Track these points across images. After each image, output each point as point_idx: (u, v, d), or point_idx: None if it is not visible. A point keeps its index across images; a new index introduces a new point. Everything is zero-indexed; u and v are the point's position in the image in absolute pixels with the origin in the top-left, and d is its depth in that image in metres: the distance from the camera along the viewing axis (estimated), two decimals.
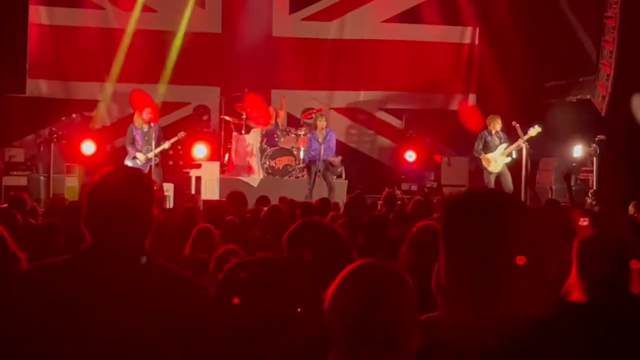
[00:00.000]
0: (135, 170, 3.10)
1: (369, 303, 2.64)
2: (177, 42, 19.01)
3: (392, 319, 2.61)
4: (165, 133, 16.10)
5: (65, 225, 6.86)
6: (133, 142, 15.65)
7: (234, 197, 10.47)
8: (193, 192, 16.18)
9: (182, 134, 16.04)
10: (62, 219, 7.32)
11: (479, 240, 2.21)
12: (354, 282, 2.70)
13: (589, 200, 15.28)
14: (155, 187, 3.11)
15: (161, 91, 18.88)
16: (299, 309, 3.49)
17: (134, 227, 2.95)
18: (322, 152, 15.89)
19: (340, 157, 16.80)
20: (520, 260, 2.18)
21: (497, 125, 16.31)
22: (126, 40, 18.75)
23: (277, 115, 18.18)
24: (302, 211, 9.55)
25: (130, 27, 18.78)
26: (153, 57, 19.04)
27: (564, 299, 3.96)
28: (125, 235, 2.93)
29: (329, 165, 16.20)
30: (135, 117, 15.85)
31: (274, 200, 11.33)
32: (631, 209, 11.32)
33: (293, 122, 19.15)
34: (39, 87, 18.55)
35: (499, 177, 16.16)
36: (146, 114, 15.54)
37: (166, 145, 15.69)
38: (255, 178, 17.06)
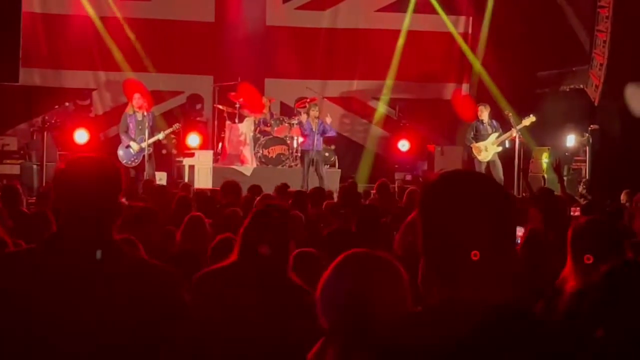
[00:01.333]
0: (102, 159, 3.07)
1: (360, 291, 2.63)
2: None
3: (384, 307, 2.59)
4: (159, 122, 16.07)
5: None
6: (127, 130, 15.62)
7: (229, 187, 10.45)
8: (186, 181, 16.13)
9: (177, 126, 16.00)
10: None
11: (454, 221, 2.18)
12: (346, 271, 2.69)
13: (580, 190, 15.30)
14: (123, 176, 3.07)
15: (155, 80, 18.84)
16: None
17: (98, 215, 2.93)
18: (315, 141, 15.92)
19: (333, 147, 16.82)
20: (500, 230, 2.16)
21: (485, 113, 16.33)
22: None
23: (270, 102, 18.17)
24: (294, 200, 9.54)
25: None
26: (146, 45, 18.97)
27: (559, 288, 3.96)
28: (89, 223, 2.91)
29: (321, 155, 16.29)
30: (129, 105, 15.82)
31: (268, 190, 11.31)
32: (623, 197, 11.34)
33: (286, 111, 19.13)
34: (32, 75, 18.47)
35: (489, 166, 16.17)
36: (136, 99, 15.51)
37: (160, 136, 15.66)
38: (248, 167, 17.04)
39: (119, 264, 2.92)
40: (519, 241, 5.74)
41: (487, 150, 16.11)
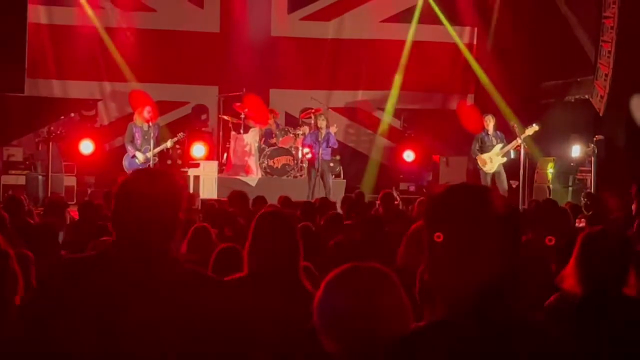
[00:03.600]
0: (165, 172, 3.10)
1: (356, 306, 2.60)
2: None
3: (388, 321, 2.58)
4: (163, 132, 16.11)
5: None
6: (132, 141, 15.67)
7: (236, 197, 10.47)
8: (191, 191, 16.16)
9: (181, 135, 16.07)
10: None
11: (459, 233, 2.21)
12: (338, 287, 2.67)
13: (583, 202, 15.29)
14: (185, 191, 3.10)
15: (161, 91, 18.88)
16: None
17: (157, 229, 2.95)
18: (320, 152, 15.97)
19: (338, 157, 16.83)
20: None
21: (490, 124, 16.35)
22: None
23: (275, 116, 18.21)
24: (302, 211, 9.56)
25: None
26: (152, 56, 19.03)
27: (559, 295, 3.97)
28: (148, 236, 2.93)
29: (327, 165, 16.33)
30: (135, 115, 15.86)
31: (272, 200, 11.33)
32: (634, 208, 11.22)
33: (291, 121, 19.17)
34: (38, 86, 18.53)
35: (494, 177, 16.20)
36: (147, 112, 15.55)
37: (169, 144, 15.76)
38: (253, 178, 17.07)
39: (174, 277, 2.95)
40: None
41: (492, 161, 16.13)
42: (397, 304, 2.64)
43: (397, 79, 20.17)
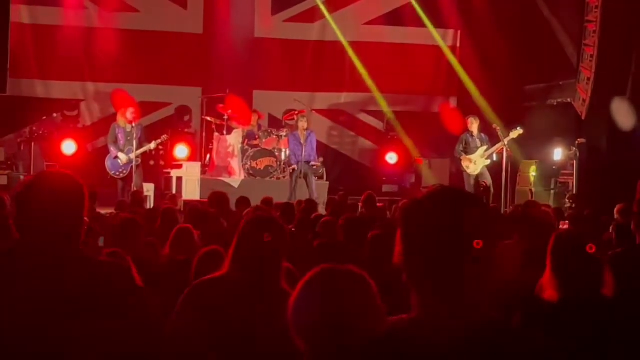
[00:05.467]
0: (66, 175, 3.18)
1: (331, 308, 2.63)
2: None
3: (358, 321, 2.61)
4: (147, 133, 16.07)
5: None
6: (115, 141, 15.62)
7: (216, 198, 10.48)
8: (174, 192, 16.16)
9: (165, 137, 16.02)
10: None
11: (434, 237, 2.24)
12: (312, 289, 2.70)
13: (567, 204, 15.38)
14: (87, 194, 3.18)
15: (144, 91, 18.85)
16: None
17: (64, 229, 3.03)
18: (303, 154, 15.97)
19: (321, 159, 16.85)
20: (478, 244, 2.22)
21: (475, 126, 16.39)
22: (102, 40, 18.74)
23: (258, 118, 18.23)
24: (282, 212, 9.59)
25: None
26: (135, 57, 19.00)
27: (536, 297, 3.99)
28: (51, 236, 3.00)
29: (310, 167, 16.32)
30: (119, 116, 15.80)
31: (255, 202, 11.34)
32: (616, 214, 11.31)
33: (274, 123, 19.19)
34: (20, 86, 18.45)
35: (477, 179, 16.25)
36: (130, 113, 15.49)
37: (152, 145, 15.69)
38: (236, 179, 17.06)
39: (81, 275, 3.00)
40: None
41: (476, 163, 16.18)
42: (369, 306, 2.68)
43: (380, 82, 20.17)
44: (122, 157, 15.45)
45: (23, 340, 2.87)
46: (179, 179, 16.97)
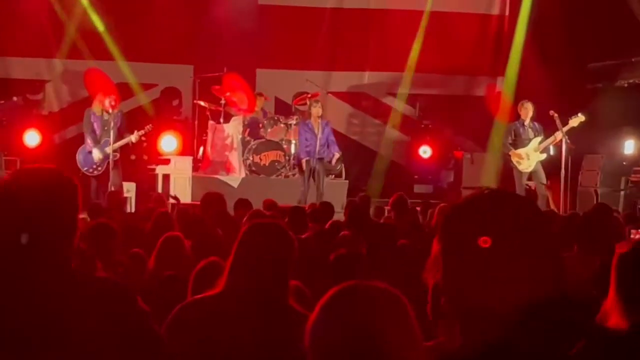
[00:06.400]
0: (53, 171, 3.20)
1: (356, 332, 2.62)
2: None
3: (386, 350, 2.61)
4: (127, 121, 16.06)
5: None
6: (92, 131, 15.57)
7: (210, 200, 10.48)
8: (160, 192, 16.17)
9: (149, 127, 15.94)
10: None
11: (483, 253, 2.23)
12: (336, 309, 2.69)
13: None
14: (78, 190, 3.21)
15: (123, 70, 18.87)
16: None
17: (50, 236, 3.06)
18: (317, 146, 15.91)
19: (339, 153, 16.82)
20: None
21: (529, 113, 16.31)
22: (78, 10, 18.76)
23: (263, 101, 18.21)
24: (290, 218, 9.57)
25: None
26: (112, 28, 19.01)
27: (600, 325, 3.97)
28: (40, 243, 3.04)
29: (325, 163, 16.28)
30: (95, 102, 15.75)
31: (258, 205, 11.34)
32: None
33: (283, 109, 19.18)
34: None
35: (531, 177, 16.19)
36: (109, 102, 15.40)
37: (133, 138, 15.61)
38: (235, 177, 17.08)
39: (75, 289, 3.05)
40: None
41: (529, 158, 16.11)
42: (405, 331, 2.67)
43: (412, 58, 20.18)
44: (96, 154, 15.41)
45: None
46: (166, 176, 16.99)
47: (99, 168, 15.52)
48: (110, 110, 15.33)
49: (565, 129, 15.79)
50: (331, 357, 2.63)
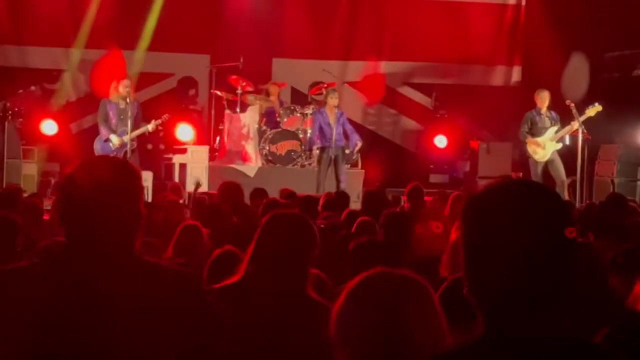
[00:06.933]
0: (118, 160, 3.23)
1: (383, 319, 2.63)
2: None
3: (421, 342, 2.62)
4: (144, 111, 16.08)
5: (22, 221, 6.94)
6: (107, 120, 15.59)
7: (228, 189, 10.49)
8: (177, 181, 16.20)
9: (166, 117, 15.93)
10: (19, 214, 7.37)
11: (506, 242, 2.25)
12: (363, 297, 2.70)
13: None
14: (141, 179, 3.25)
15: (139, 59, 18.87)
16: None
17: (119, 225, 3.07)
18: (334, 136, 15.90)
19: (361, 142, 16.76)
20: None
21: (545, 102, 16.25)
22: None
23: (279, 91, 18.19)
24: (302, 207, 9.56)
25: None
26: (129, 18, 19.02)
27: (630, 309, 3.99)
28: (109, 234, 3.05)
29: (344, 152, 16.28)
30: (111, 89, 15.75)
31: (274, 194, 11.36)
32: None
33: (299, 98, 19.17)
34: None
35: (547, 166, 16.14)
36: (124, 86, 15.40)
37: (150, 127, 15.60)
38: (251, 166, 17.10)
39: (140, 276, 3.07)
40: None
41: (545, 147, 16.06)
42: (430, 318, 2.68)
43: (428, 47, 20.13)
44: (115, 140, 15.46)
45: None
46: (182, 165, 17.01)
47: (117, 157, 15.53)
48: (128, 99, 15.30)
49: (581, 118, 15.72)
50: (358, 344, 2.65)
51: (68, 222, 3.09)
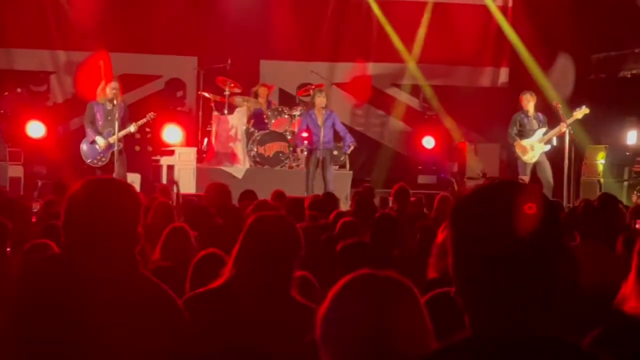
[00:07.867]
0: (120, 183, 3.49)
1: (368, 321, 2.63)
2: None
3: (407, 343, 2.61)
4: (131, 113, 16.05)
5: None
6: (93, 122, 15.53)
7: (214, 190, 10.47)
8: (165, 182, 16.16)
9: (151, 115, 15.87)
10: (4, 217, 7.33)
11: (493, 242, 2.25)
12: (349, 298, 2.69)
13: (635, 199, 15.32)
14: (140, 201, 3.46)
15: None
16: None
17: (117, 244, 3.29)
18: (322, 137, 15.90)
19: (354, 144, 16.71)
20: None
21: (530, 103, 16.27)
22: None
23: (268, 92, 18.19)
24: (288, 209, 9.54)
25: None
26: (116, 20, 19.00)
27: (618, 310, 3.99)
28: (108, 252, 3.26)
29: (330, 153, 16.28)
30: (98, 91, 15.70)
31: (263, 195, 11.34)
32: None
33: (287, 99, 19.17)
34: None
35: (535, 168, 16.16)
36: (111, 89, 15.33)
37: (132, 128, 15.53)
38: (239, 168, 17.09)
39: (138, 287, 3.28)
40: None
41: (533, 149, 16.08)
42: (415, 320, 2.68)
43: (416, 49, 20.16)
44: (100, 141, 15.39)
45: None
46: (170, 167, 17.00)
47: (103, 159, 15.47)
48: (115, 101, 15.25)
49: (569, 121, 15.76)
50: (344, 345, 2.64)
51: (70, 237, 3.29)
